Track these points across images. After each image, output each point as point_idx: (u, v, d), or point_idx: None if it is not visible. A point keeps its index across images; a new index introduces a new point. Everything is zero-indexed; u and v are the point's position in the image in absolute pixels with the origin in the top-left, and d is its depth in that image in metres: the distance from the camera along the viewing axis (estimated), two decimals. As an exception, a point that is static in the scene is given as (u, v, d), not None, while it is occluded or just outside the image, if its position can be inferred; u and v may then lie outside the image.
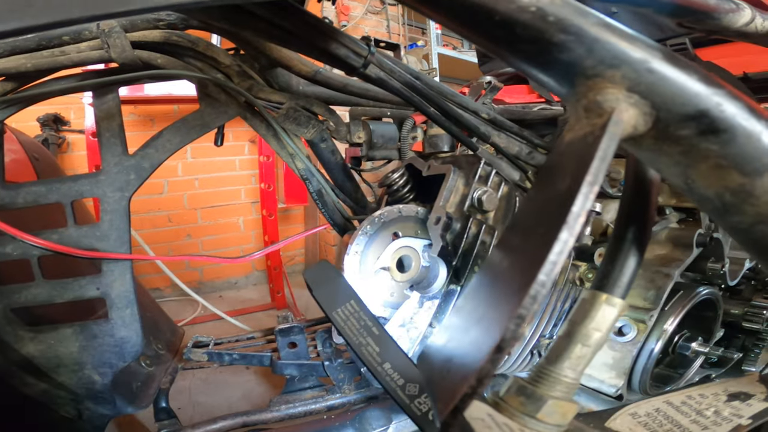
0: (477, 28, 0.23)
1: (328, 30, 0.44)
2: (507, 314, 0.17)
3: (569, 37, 0.21)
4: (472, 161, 0.55)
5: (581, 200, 0.18)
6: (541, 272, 0.17)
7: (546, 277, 0.17)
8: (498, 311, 0.19)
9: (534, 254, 0.19)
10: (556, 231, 0.18)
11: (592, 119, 0.22)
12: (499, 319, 0.17)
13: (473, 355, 0.18)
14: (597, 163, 0.19)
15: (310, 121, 0.72)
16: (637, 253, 0.28)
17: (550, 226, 0.19)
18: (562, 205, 0.19)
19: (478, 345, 0.18)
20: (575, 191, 0.19)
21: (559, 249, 0.18)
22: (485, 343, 0.17)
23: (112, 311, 0.84)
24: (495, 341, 0.16)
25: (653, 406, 0.31)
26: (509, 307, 0.17)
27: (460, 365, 0.19)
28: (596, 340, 0.25)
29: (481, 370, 0.16)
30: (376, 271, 0.53)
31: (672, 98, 0.21)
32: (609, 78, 0.21)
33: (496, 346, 0.16)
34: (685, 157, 0.23)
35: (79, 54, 0.69)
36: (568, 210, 0.18)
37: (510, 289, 0.19)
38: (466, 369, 0.17)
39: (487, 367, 0.16)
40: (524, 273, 0.18)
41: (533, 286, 0.17)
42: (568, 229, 0.18)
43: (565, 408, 0.23)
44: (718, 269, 0.75)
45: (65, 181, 0.80)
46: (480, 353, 0.17)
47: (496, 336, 0.16)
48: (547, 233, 0.19)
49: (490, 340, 0.17)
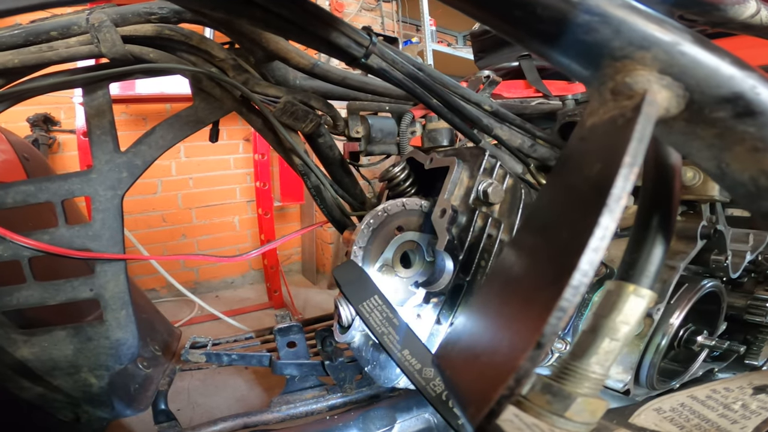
0: (494, 9, 0.22)
1: (328, 18, 0.42)
2: (544, 308, 0.16)
3: (594, 18, 0.20)
4: (476, 153, 0.54)
5: (621, 182, 0.17)
6: (583, 261, 0.16)
7: (588, 266, 0.16)
8: (530, 306, 0.17)
9: (568, 243, 0.17)
10: (594, 216, 0.17)
11: (620, 101, 0.20)
12: (534, 314, 0.16)
13: (506, 353, 0.16)
14: (635, 144, 0.17)
15: (307, 115, 0.71)
16: (663, 241, 0.27)
17: (584, 213, 0.18)
18: (596, 190, 0.18)
19: (512, 342, 0.16)
20: (612, 174, 0.17)
21: (601, 234, 0.16)
22: (521, 340, 0.16)
23: (106, 313, 0.82)
24: (534, 337, 0.15)
25: (678, 401, 0.30)
26: (544, 301, 0.16)
27: (490, 365, 0.17)
28: (625, 334, 0.23)
29: (520, 369, 0.15)
30: (380, 266, 0.52)
31: (706, 80, 0.20)
32: (639, 59, 0.20)
33: (537, 342, 0.15)
34: (720, 140, 0.22)
35: (68, 49, 0.67)
36: (607, 194, 0.17)
37: (542, 283, 0.17)
38: (499, 369, 0.16)
39: (526, 365, 0.15)
40: (558, 264, 0.17)
41: (575, 276, 0.15)
42: (609, 213, 0.17)
43: (595, 405, 0.22)
44: (721, 261, 0.74)
45: (55, 180, 0.78)
46: (515, 351, 0.16)
47: (534, 332, 0.15)
48: (581, 220, 0.18)
49: (527, 336, 0.15)
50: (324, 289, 2.68)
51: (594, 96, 0.22)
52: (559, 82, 1.31)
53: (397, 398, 0.82)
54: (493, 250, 0.50)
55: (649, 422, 0.29)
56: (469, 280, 0.50)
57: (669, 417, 0.29)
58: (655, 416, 0.30)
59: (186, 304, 2.41)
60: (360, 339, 0.63)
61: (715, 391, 0.31)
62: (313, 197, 0.83)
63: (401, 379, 0.52)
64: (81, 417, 0.92)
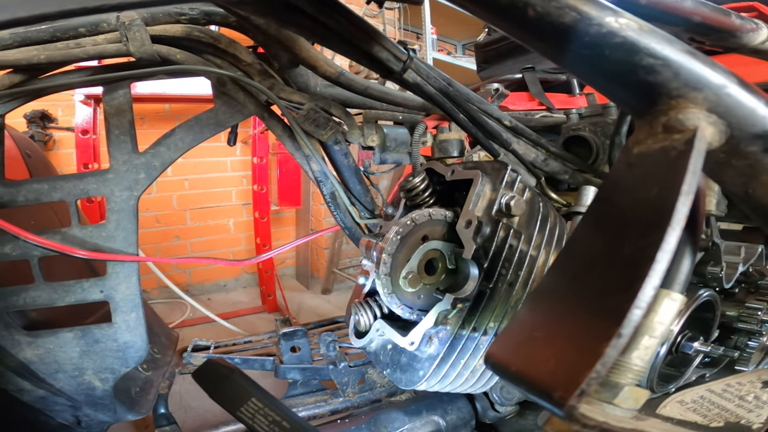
0: (563, 48, 0.25)
1: (371, 31, 0.44)
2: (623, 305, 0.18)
3: (657, 61, 0.23)
4: (496, 167, 0.56)
5: (681, 207, 0.20)
6: (655, 269, 0.18)
7: (658, 275, 0.18)
8: (603, 308, 0.20)
9: (635, 254, 0.20)
10: (660, 233, 0.19)
11: (671, 134, 0.23)
12: (614, 310, 0.19)
13: (590, 343, 0.19)
14: (690, 176, 0.20)
15: (328, 123, 0.72)
16: (691, 253, 0.30)
17: (646, 231, 0.20)
18: (656, 211, 0.21)
19: (595, 334, 0.19)
20: (671, 198, 0.20)
21: (667, 248, 0.19)
22: (603, 331, 0.18)
23: (116, 315, 0.82)
24: (615, 329, 0.17)
25: (698, 394, 0.34)
26: (622, 300, 0.19)
27: (572, 355, 0.20)
28: (662, 332, 0.27)
29: (606, 355, 0.18)
30: (406, 273, 0.54)
31: (745, 119, 0.24)
32: (692, 99, 0.23)
33: (619, 333, 0.17)
34: (750, 170, 0.25)
35: (96, 47, 0.67)
36: (669, 215, 0.20)
37: (617, 285, 0.20)
38: (585, 357, 0.19)
39: (611, 352, 0.18)
40: (630, 270, 0.20)
41: (649, 281, 0.18)
42: (672, 231, 0.19)
43: (638, 393, 0.25)
44: (717, 272, 0.78)
45: (70, 179, 0.78)
46: (599, 340, 0.18)
47: (615, 324, 0.18)
48: (645, 236, 0.20)
49: (609, 328, 0.18)
50: (318, 294, 2.67)
51: (643, 128, 0.25)
52: (561, 95, 1.35)
53: (407, 402, 0.84)
54: (513, 258, 0.53)
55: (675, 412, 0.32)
56: (491, 287, 0.52)
57: (692, 408, 0.33)
58: (680, 407, 0.33)
59: (177, 306, 2.38)
60: (378, 343, 0.65)
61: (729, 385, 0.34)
62: (327, 204, 0.85)
63: (424, 382, 0.54)
64: (82, 420, 0.91)
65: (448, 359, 0.54)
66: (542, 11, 0.26)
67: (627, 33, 0.24)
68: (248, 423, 0.45)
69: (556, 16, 0.26)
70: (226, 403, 0.46)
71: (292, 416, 0.46)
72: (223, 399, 0.47)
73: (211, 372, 0.49)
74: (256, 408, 0.46)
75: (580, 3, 0.25)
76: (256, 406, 0.46)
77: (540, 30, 0.26)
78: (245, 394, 0.46)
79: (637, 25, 0.25)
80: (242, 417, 0.45)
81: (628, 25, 0.25)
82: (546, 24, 0.26)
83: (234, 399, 0.47)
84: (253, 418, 0.45)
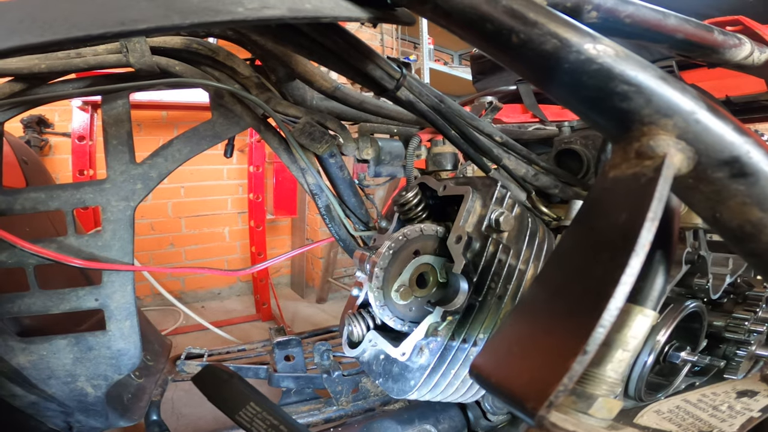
0: (545, 74, 0.26)
1: (365, 51, 0.46)
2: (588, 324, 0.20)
3: (631, 88, 0.24)
4: (487, 183, 0.58)
5: (645, 234, 0.21)
6: (618, 292, 0.20)
7: (622, 296, 0.20)
8: (572, 325, 0.21)
9: (603, 277, 0.22)
10: (625, 258, 0.21)
11: (643, 160, 0.25)
12: (580, 329, 0.20)
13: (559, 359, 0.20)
14: (656, 203, 0.22)
15: (323, 136, 0.74)
16: (664, 271, 0.31)
17: (614, 255, 0.22)
18: (623, 236, 0.22)
19: (563, 350, 0.20)
20: (637, 224, 0.22)
21: (630, 272, 0.21)
22: (571, 348, 0.20)
23: (110, 323, 0.82)
24: (582, 346, 0.19)
25: (674, 404, 0.35)
26: (588, 320, 0.20)
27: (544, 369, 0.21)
28: (634, 346, 0.28)
29: (572, 369, 0.19)
30: (398, 287, 0.55)
31: (713, 145, 0.25)
32: (662, 126, 0.24)
33: (584, 350, 0.19)
34: (717, 195, 0.26)
35: (96, 57, 0.68)
36: (635, 240, 0.21)
37: (584, 305, 0.21)
38: (554, 370, 0.20)
39: (576, 368, 0.19)
40: (597, 292, 0.21)
41: (612, 302, 0.20)
42: (636, 257, 0.21)
43: (612, 404, 0.26)
44: (703, 284, 0.80)
45: (67, 188, 0.79)
46: (567, 356, 0.20)
47: (582, 342, 0.19)
48: (612, 260, 0.22)
49: (576, 345, 0.19)
50: (313, 303, 2.67)
51: (618, 152, 0.27)
52: (555, 107, 1.38)
53: (400, 411, 0.85)
54: (502, 273, 0.54)
55: (652, 422, 0.34)
56: (480, 301, 0.53)
57: (668, 417, 0.34)
58: (656, 417, 0.34)
59: (170, 313, 2.37)
60: (370, 353, 0.65)
61: (704, 395, 0.36)
62: (321, 216, 0.86)
63: (415, 392, 0.55)
64: (73, 426, 0.91)
65: (438, 369, 0.55)
66: (525, 38, 0.27)
67: (604, 59, 0.25)
68: (246, 427, 0.46)
69: (538, 43, 0.27)
70: (224, 407, 0.47)
71: (290, 421, 0.46)
72: (221, 403, 0.47)
73: (210, 376, 0.50)
74: (255, 412, 0.46)
75: (562, 29, 0.26)
76: (254, 410, 0.46)
77: (523, 56, 0.28)
78: (244, 398, 0.47)
79: (614, 51, 0.26)
80: (240, 421, 0.46)
81: (605, 52, 0.26)
82: (528, 51, 0.27)
83: (233, 403, 0.48)
84: (251, 422, 0.46)
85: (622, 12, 0.42)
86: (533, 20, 0.26)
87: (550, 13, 0.27)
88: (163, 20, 0.23)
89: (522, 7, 0.27)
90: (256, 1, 0.27)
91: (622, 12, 0.42)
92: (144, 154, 0.78)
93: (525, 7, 0.27)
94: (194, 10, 0.24)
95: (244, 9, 0.26)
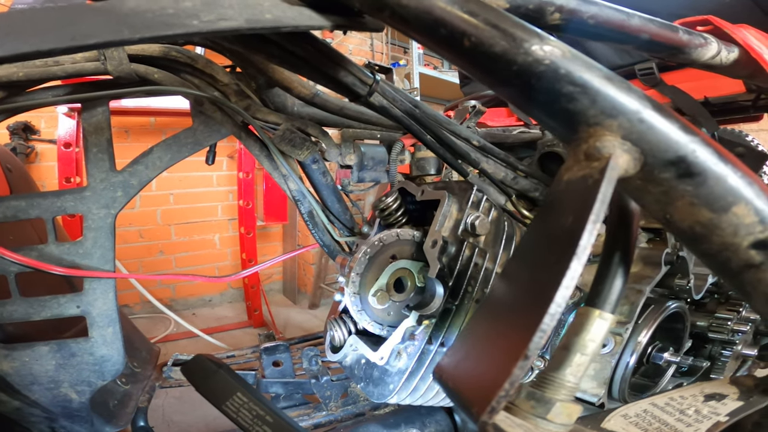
0: (496, 77, 0.27)
1: (337, 58, 0.46)
2: (528, 329, 0.20)
3: (576, 89, 0.24)
4: (464, 187, 0.58)
5: (586, 236, 0.21)
6: (558, 295, 0.20)
7: (561, 300, 0.20)
8: (518, 328, 0.22)
9: (546, 280, 0.22)
10: (566, 262, 0.21)
11: (590, 162, 0.25)
12: (521, 334, 0.20)
13: (501, 364, 0.20)
14: (598, 205, 0.22)
15: (304, 142, 0.74)
16: (623, 274, 0.32)
17: (559, 257, 0.22)
18: (568, 239, 0.22)
19: (505, 356, 0.21)
20: (580, 228, 0.22)
21: (570, 276, 0.21)
22: (512, 354, 0.20)
23: (92, 330, 0.82)
24: (522, 351, 0.19)
25: (641, 408, 0.35)
26: (529, 324, 0.20)
27: (488, 374, 0.21)
28: (592, 350, 0.28)
29: (513, 375, 0.19)
30: (375, 291, 0.55)
31: (657, 145, 0.25)
32: (607, 126, 0.25)
33: (524, 355, 0.19)
34: (665, 196, 0.26)
35: (74, 65, 0.68)
36: (576, 244, 0.21)
37: (527, 310, 0.22)
38: (496, 376, 0.20)
39: (517, 372, 0.19)
40: (539, 297, 0.21)
41: (552, 307, 0.20)
42: (577, 260, 0.21)
43: (571, 409, 0.26)
44: (684, 285, 0.81)
45: (48, 196, 0.78)
46: (508, 362, 0.20)
47: (522, 347, 0.19)
48: (557, 263, 0.22)
49: (517, 351, 0.19)
50: (305, 309, 2.66)
51: (570, 154, 0.27)
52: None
53: (386, 415, 0.85)
54: (479, 277, 0.55)
55: (618, 426, 0.33)
56: (457, 304, 0.54)
57: (634, 422, 0.34)
58: (623, 421, 0.34)
59: (161, 320, 2.35)
60: (352, 358, 0.65)
61: (672, 398, 0.36)
62: (305, 222, 0.86)
63: (395, 396, 0.55)
64: (58, 431, 0.90)
65: (417, 373, 0.55)
66: (476, 41, 0.27)
67: (550, 60, 0.25)
68: (232, 417, 0.46)
69: (488, 45, 0.26)
70: (212, 397, 0.47)
71: (276, 411, 0.46)
72: (209, 393, 0.48)
73: (199, 366, 0.49)
74: (241, 402, 0.47)
75: (510, 31, 0.26)
76: (240, 400, 0.46)
77: (475, 60, 0.27)
78: (231, 388, 0.47)
79: (560, 51, 0.25)
80: (227, 411, 0.46)
81: (552, 53, 0.25)
82: (480, 54, 0.27)
83: (220, 393, 0.48)
84: (237, 412, 0.46)
85: (585, 13, 0.42)
86: (482, 23, 0.27)
87: (500, 15, 0.27)
88: (113, 35, 0.24)
89: (472, 10, 0.27)
90: (212, 13, 0.27)
91: (585, 13, 0.42)
92: (128, 161, 0.78)
93: (475, 10, 0.27)
94: (147, 24, 0.24)
95: (199, 21, 0.26)
